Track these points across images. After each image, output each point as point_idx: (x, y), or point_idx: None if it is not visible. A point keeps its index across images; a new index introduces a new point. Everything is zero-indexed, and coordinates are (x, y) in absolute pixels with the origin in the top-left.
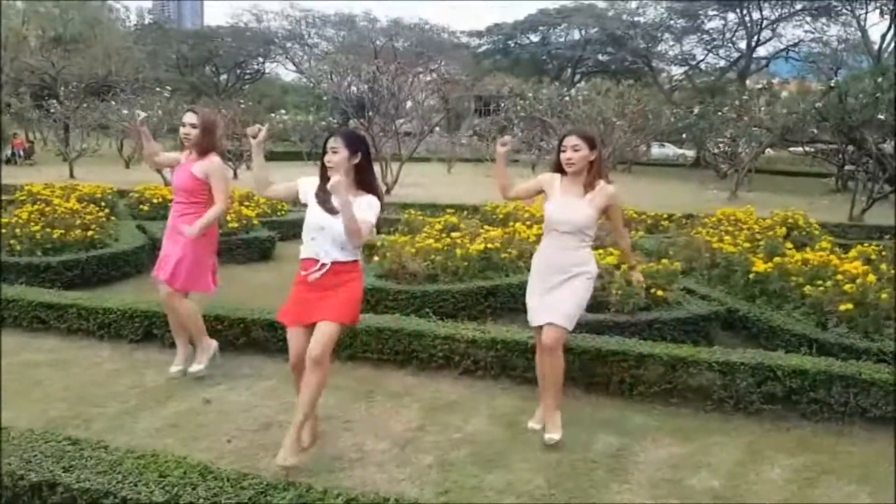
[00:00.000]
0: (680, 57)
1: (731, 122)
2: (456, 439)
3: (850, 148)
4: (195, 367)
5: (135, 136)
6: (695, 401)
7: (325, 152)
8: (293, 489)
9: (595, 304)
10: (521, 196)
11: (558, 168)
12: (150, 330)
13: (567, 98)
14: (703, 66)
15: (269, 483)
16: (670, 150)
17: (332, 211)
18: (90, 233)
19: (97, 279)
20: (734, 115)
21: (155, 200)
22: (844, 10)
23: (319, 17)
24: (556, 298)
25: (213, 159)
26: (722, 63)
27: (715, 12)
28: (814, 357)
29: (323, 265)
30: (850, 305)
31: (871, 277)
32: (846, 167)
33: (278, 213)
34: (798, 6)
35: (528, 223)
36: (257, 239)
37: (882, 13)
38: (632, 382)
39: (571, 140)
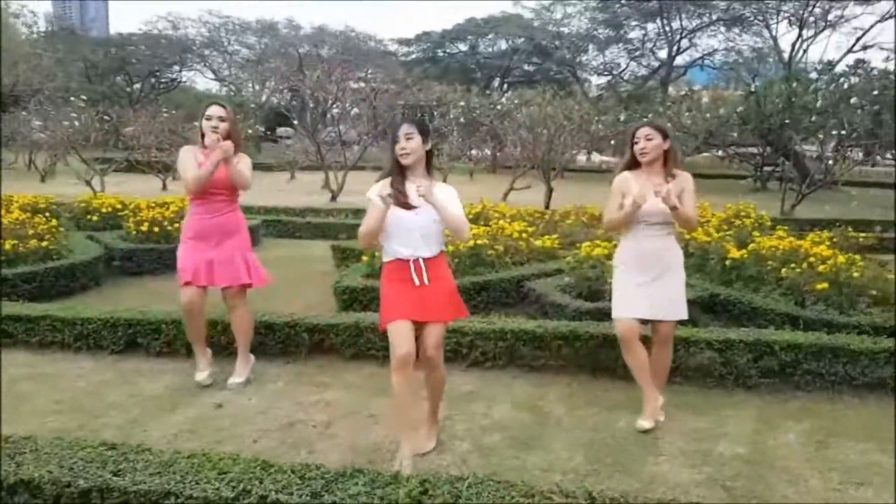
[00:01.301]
0: (603, 66)
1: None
2: (486, 425)
3: (768, 149)
4: (237, 380)
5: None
6: (696, 379)
7: (394, 142)
8: (362, 476)
9: (592, 294)
10: (625, 220)
11: (630, 165)
12: (134, 339)
13: (499, 107)
14: (626, 75)
15: (337, 472)
16: (594, 157)
17: (410, 206)
18: (45, 243)
19: (56, 291)
20: (663, 121)
21: (104, 210)
22: (756, 21)
23: (240, 23)
24: (664, 294)
25: (243, 154)
26: (644, 72)
27: (636, 23)
28: (804, 332)
29: (416, 262)
30: (825, 284)
31: (842, 258)
32: (764, 168)
33: None
34: (713, 17)
35: (508, 220)
36: None
37: (790, 23)
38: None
39: (644, 130)
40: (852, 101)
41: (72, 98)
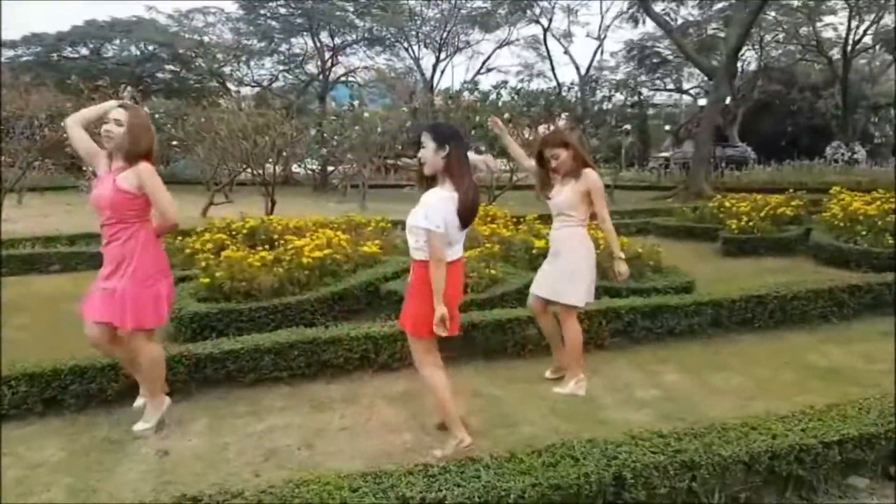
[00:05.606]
0: (249, 78)
1: (330, 141)
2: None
3: None
4: (141, 427)
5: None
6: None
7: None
8: (491, 461)
9: None
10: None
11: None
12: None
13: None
14: (279, 87)
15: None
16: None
17: None
18: None
19: None
20: (338, 136)
21: None
22: (397, 42)
23: None
24: (552, 277)
25: (144, 166)
26: (298, 85)
27: (282, 37)
28: (626, 297)
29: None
30: None
31: (625, 239)
32: None
33: None
34: (356, 36)
35: (334, 229)
36: None
37: (426, 46)
38: (523, 343)
39: (550, 152)
40: (505, 115)
41: None
